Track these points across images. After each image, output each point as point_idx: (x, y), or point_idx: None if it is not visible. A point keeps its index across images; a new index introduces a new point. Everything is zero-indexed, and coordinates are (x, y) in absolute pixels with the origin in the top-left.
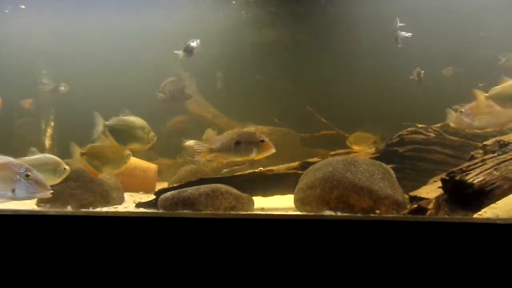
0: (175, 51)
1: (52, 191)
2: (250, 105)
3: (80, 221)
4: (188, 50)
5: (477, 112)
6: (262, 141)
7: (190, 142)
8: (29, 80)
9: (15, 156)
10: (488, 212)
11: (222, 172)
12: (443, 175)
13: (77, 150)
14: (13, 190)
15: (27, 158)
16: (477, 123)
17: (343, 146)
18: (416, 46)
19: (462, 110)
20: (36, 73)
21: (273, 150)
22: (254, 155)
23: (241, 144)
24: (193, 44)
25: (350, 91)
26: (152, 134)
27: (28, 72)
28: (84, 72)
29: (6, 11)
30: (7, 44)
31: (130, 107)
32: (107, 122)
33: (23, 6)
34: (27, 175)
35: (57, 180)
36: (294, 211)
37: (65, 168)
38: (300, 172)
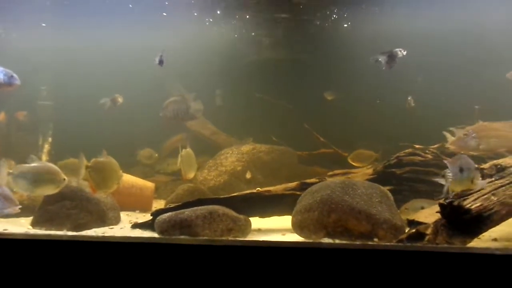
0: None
1: (20, 206)
2: (249, 123)
3: (75, 246)
4: (392, 59)
5: (484, 134)
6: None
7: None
8: (29, 95)
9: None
10: (486, 236)
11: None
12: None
13: (84, 162)
14: None
15: (27, 165)
16: (484, 145)
17: (341, 164)
18: (416, 67)
19: (466, 132)
20: (35, 88)
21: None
22: (474, 185)
23: (464, 172)
24: (399, 52)
25: (348, 110)
26: (121, 173)
27: (28, 87)
28: (85, 88)
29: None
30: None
31: (126, 119)
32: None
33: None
34: None
35: (55, 190)
36: (292, 233)
37: (64, 179)
38: (298, 193)
